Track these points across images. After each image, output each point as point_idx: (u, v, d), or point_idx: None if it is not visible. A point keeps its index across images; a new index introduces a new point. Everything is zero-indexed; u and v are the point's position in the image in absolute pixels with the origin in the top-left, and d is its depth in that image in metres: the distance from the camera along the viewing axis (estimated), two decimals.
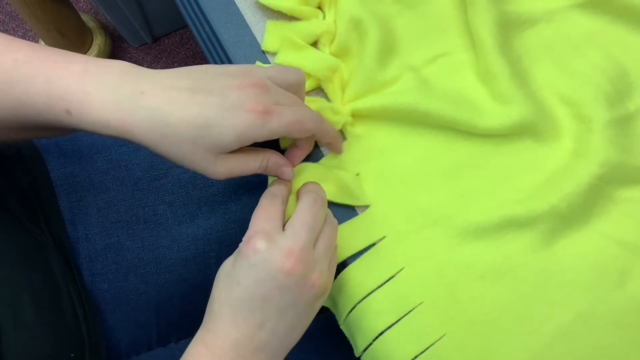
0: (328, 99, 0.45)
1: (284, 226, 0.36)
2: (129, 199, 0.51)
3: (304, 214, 0.36)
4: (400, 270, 0.41)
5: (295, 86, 0.38)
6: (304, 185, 0.39)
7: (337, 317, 0.43)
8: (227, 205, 0.52)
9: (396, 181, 0.43)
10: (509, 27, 0.45)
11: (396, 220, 0.42)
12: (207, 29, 0.47)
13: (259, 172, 0.39)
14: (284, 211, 0.37)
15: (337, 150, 0.43)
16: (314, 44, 0.45)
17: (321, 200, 0.38)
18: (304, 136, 0.38)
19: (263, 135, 0.35)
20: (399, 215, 0.42)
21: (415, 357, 0.39)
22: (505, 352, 0.39)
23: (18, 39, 0.37)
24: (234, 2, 0.47)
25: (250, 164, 0.37)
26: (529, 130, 0.43)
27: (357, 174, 0.43)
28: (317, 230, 0.36)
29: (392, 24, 0.46)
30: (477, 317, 0.39)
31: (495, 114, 0.42)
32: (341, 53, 0.45)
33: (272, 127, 0.35)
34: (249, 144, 0.35)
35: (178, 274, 0.52)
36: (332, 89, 0.44)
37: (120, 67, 0.35)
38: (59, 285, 0.45)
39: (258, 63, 0.45)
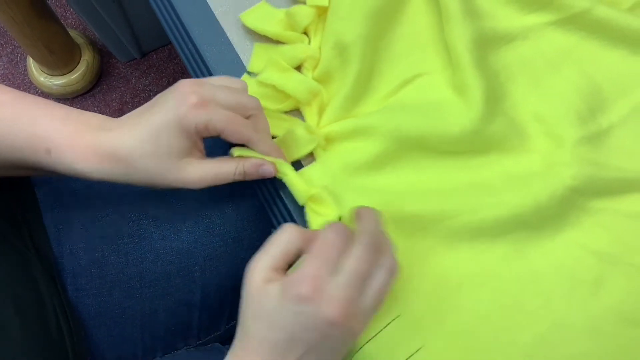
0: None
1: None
2: (113, 214, 0.51)
3: (357, 261, 0.34)
4: None
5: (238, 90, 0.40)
6: (361, 218, 0.37)
7: None
8: (211, 219, 0.53)
9: (366, 199, 0.43)
10: (486, 43, 0.46)
11: None
12: (191, 46, 0.48)
13: (236, 177, 0.40)
14: (344, 249, 0.35)
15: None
16: (298, 68, 0.46)
17: (377, 243, 0.36)
18: (237, 141, 0.39)
19: (201, 121, 0.37)
20: None
21: None
22: None
23: (3, 86, 0.40)
24: (217, 20, 0.47)
25: (223, 167, 0.39)
26: (499, 145, 0.44)
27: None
28: (367, 279, 0.35)
29: (375, 46, 0.47)
30: (454, 328, 0.40)
31: (467, 128, 0.43)
32: (323, 78, 0.46)
33: (209, 117, 0.37)
34: (194, 136, 0.38)
35: (162, 288, 0.52)
36: (309, 112, 0.45)
37: (96, 116, 0.40)
38: (44, 300, 0.46)
39: (244, 77, 0.46)
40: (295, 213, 0.44)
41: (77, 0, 0.98)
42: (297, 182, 0.41)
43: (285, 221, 0.45)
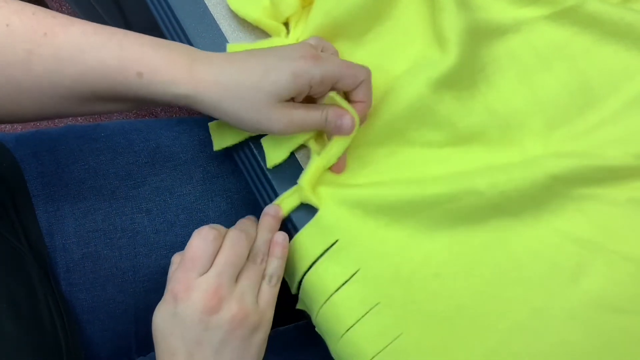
0: None
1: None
2: (106, 208, 0.51)
3: (226, 251, 0.38)
4: (356, 272, 0.41)
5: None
6: (239, 221, 0.42)
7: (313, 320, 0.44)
8: (205, 212, 0.53)
9: (346, 184, 0.43)
10: (478, 34, 0.46)
11: (348, 222, 0.42)
12: (183, 38, 0.48)
13: (320, 125, 0.40)
14: (217, 247, 0.39)
15: (362, 117, 0.42)
16: None
17: (246, 236, 0.39)
18: (353, 85, 0.39)
19: (317, 74, 0.37)
20: (350, 217, 0.42)
21: (373, 357, 0.39)
22: (462, 349, 0.39)
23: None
24: (210, 12, 0.47)
25: (311, 114, 0.39)
26: (479, 137, 0.44)
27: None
28: (239, 266, 0.38)
29: (361, 40, 0.46)
30: (432, 315, 0.40)
31: (447, 118, 0.43)
32: None
33: (325, 68, 0.37)
34: (304, 89, 0.38)
35: (156, 282, 0.52)
36: None
37: (186, 46, 0.39)
38: (37, 295, 0.45)
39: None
40: None
41: None
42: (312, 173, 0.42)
43: None
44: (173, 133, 0.55)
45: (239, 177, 0.55)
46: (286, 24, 0.47)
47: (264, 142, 0.44)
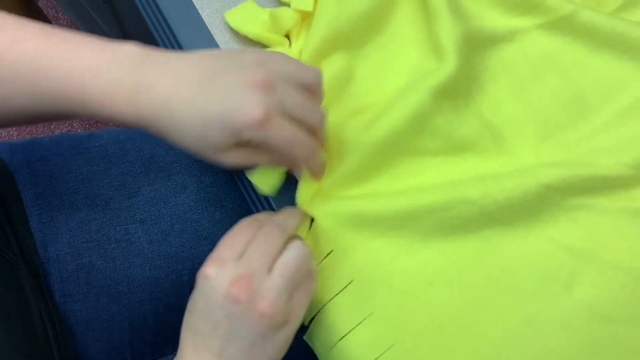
0: None
1: None
2: (100, 218, 0.51)
3: (259, 241, 0.36)
4: (350, 283, 0.41)
5: (312, 86, 0.37)
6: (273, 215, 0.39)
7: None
8: (199, 222, 0.53)
9: (338, 195, 0.43)
10: (474, 42, 0.46)
11: (342, 233, 0.42)
12: (177, 48, 0.47)
13: (272, 164, 0.39)
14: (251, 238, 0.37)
15: (315, 175, 0.41)
16: None
17: (279, 229, 0.37)
18: (289, 164, 0.39)
19: (258, 139, 0.34)
20: (344, 228, 0.42)
21: None
22: (453, 358, 0.39)
23: (26, 23, 0.37)
24: (204, 23, 0.47)
25: (262, 158, 0.38)
26: (472, 147, 0.44)
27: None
28: (272, 258, 0.36)
29: (361, 52, 0.46)
30: (425, 325, 0.40)
31: (445, 128, 0.43)
32: None
33: (267, 136, 0.34)
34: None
35: (150, 293, 0.51)
36: None
37: (132, 55, 0.36)
38: (31, 307, 0.45)
39: None
40: None
41: (68, 1, 0.98)
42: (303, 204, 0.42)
43: None
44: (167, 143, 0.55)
45: (233, 187, 0.55)
46: (287, 36, 0.47)
47: (249, 176, 0.43)
